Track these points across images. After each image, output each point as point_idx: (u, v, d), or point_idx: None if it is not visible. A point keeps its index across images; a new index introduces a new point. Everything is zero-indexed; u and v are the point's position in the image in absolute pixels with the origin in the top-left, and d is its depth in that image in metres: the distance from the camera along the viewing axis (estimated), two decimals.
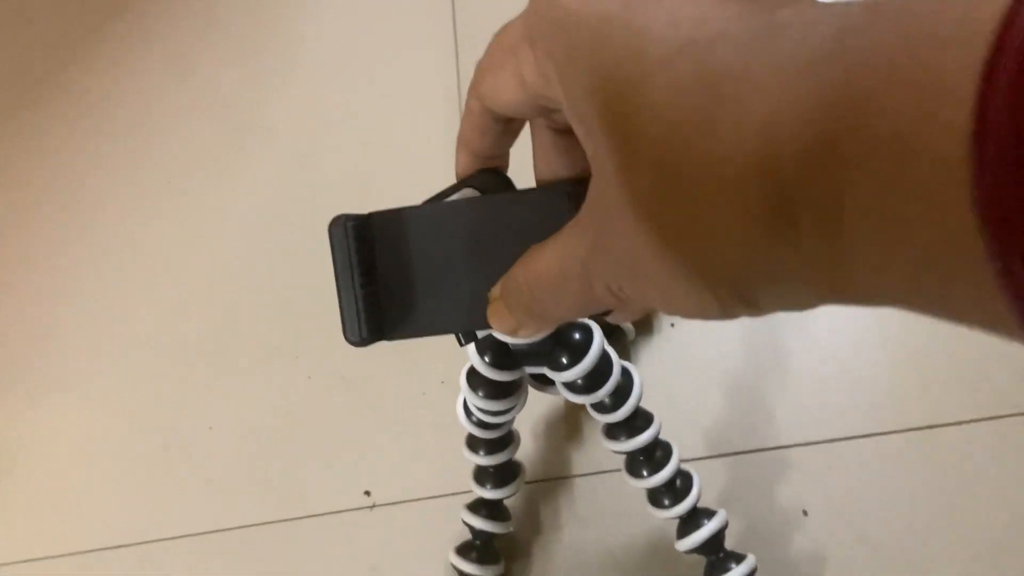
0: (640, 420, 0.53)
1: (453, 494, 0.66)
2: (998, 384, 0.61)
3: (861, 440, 0.61)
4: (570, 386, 0.49)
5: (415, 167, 0.80)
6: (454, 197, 0.38)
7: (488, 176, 0.38)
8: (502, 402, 0.50)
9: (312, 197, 0.84)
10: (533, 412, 0.68)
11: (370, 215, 0.37)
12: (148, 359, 0.80)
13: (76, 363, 0.81)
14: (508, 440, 0.56)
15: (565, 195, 0.36)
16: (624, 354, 0.67)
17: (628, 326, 0.67)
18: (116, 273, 0.85)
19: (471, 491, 0.58)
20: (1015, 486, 0.58)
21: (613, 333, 0.66)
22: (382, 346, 0.39)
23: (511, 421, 0.55)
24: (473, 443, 0.56)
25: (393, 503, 0.68)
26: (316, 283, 0.78)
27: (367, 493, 0.69)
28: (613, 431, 0.53)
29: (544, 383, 0.56)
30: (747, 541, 0.59)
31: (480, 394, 0.49)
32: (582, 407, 0.67)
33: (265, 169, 0.87)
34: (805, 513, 0.60)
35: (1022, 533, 0.57)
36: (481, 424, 0.53)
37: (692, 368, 0.66)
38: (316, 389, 0.75)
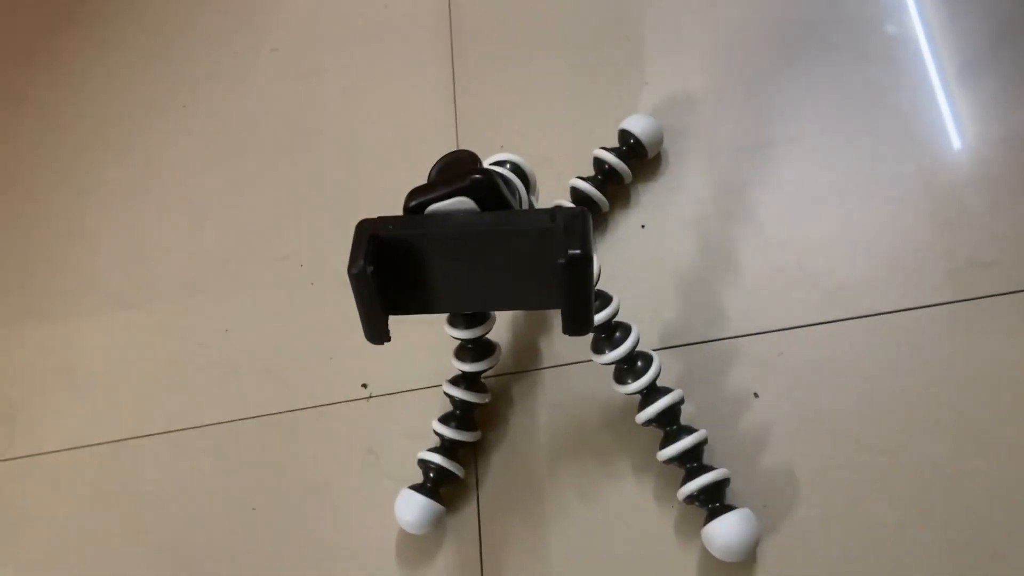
0: (599, 300, 0.59)
1: (440, 385, 0.73)
2: (943, 271, 0.67)
3: (812, 328, 0.67)
4: None
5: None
6: (451, 203, 0.46)
7: (479, 183, 0.46)
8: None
9: (311, 125, 0.91)
10: (507, 317, 0.74)
11: (386, 239, 0.45)
12: (175, 274, 0.87)
13: (118, 287, 0.89)
14: (484, 316, 0.63)
15: (549, 216, 0.45)
16: (597, 227, 0.73)
17: (602, 199, 0.72)
18: (143, 200, 0.93)
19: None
20: (964, 364, 0.63)
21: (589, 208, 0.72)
22: None
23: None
24: (454, 319, 0.62)
25: (388, 394, 0.75)
26: (319, 199, 0.85)
27: (364, 385, 0.76)
28: None
29: None
30: (700, 420, 0.64)
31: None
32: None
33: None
34: (756, 395, 0.66)
35: (976, 402, 0.62)
36: None
37: (655, 267, 0.73)
38: (318, 293, 0.81)
